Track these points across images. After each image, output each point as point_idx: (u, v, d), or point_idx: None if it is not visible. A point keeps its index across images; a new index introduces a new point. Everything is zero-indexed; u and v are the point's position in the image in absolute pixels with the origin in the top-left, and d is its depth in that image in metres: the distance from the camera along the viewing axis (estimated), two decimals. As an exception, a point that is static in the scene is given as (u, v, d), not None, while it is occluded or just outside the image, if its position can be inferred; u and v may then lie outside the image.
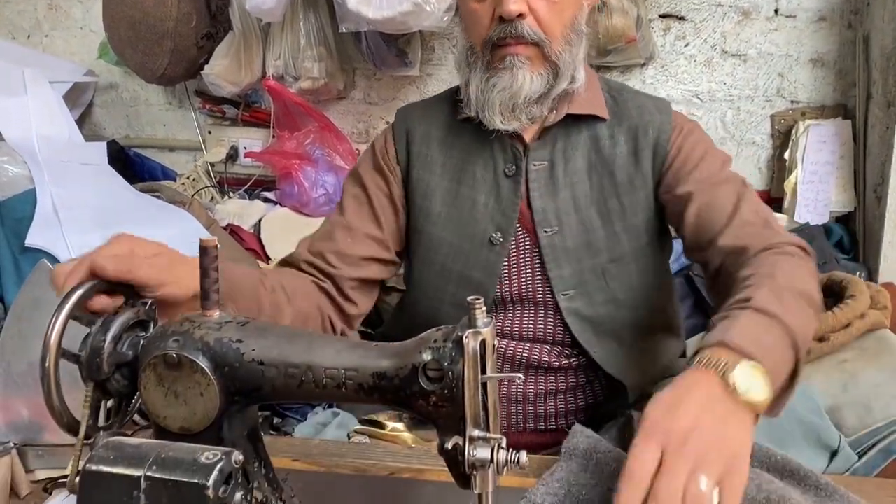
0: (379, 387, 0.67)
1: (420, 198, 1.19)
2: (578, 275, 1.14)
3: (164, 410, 0.70)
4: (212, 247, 0.70)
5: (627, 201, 1.14)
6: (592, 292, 1.14)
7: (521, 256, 1.16)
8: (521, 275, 1.16)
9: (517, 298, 1.17)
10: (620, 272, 1.15)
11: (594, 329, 1.16)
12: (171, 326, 0.71)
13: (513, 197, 1.14)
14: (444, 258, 1.18)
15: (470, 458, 0.65)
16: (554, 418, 1.20)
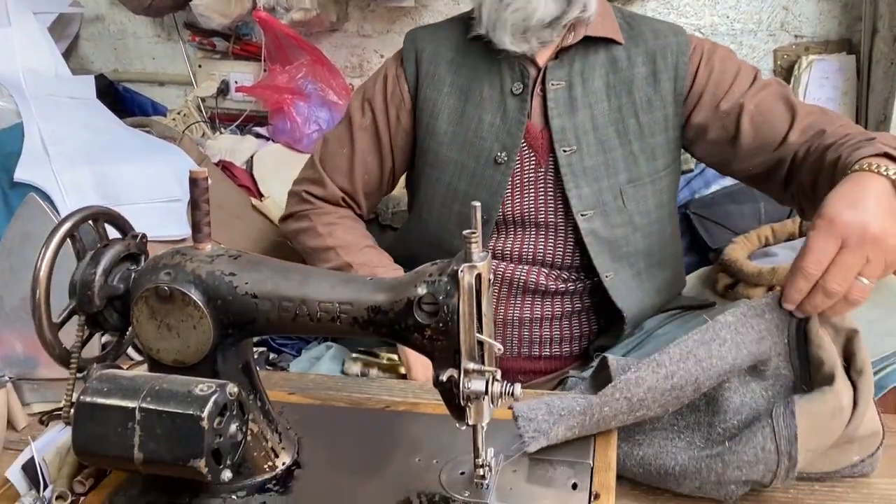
0: (374, 320, 0.67)
1: (427, 117, 1.21)
2: (597, 195, 1.16)
3: (158, 343, 0.70)
4: (202, 178, 0.69)
5: (645, 121, 1.16)
6: (610, 213, 1.16)
7: (525, 176, 1.17)
8: (525, 195, 1.18)
9: (520, 219, 1.19)
10: (637, 193, 1.17)
11: (610, 251, 1.17)
12: (162, 259, 0.70)
13: (519, 116, 1.16)
14: (449, 177, 1.20)
15: (465, 390, 0.65)
16: (548, 344, 1.22)
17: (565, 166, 1.15)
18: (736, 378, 0.81)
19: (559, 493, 0.70)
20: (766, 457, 0.73)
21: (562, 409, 0.77)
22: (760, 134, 1.11)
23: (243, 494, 0.71)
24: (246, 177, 1.80)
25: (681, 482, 0.77)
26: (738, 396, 0.80)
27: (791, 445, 0.73)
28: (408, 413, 0.85)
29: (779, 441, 0.73)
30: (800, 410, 0.74)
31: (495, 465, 0.73)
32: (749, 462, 0.74)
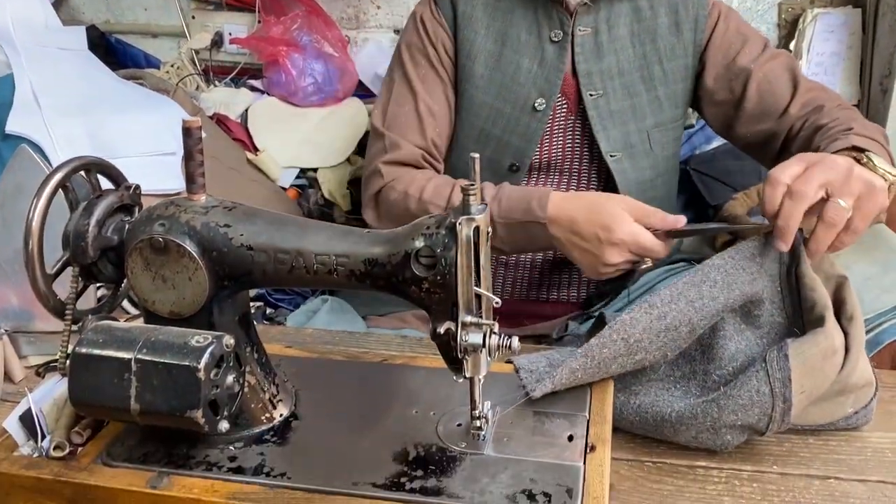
0: (371, 273, 0.66)
1: (464, 58, 1.20)
2: (625, 137, 1.18)
3: (153, 295, 0.69)
4: (195, 128, 0.68)
5: (669, 68, 1.18)
6: (638, 156, 1.19)
7: (556, 123, 1.19)
8: (554, 142, 1.20)
9: (547, 166, 1.21)
10: (663, 138, 1.20)
11: (637, 195, 1.17)
12: (156, 210, 0.69)
13: (558, 64, 1.16)
14: (483, 122, 1.20)
15: (462, 343, 0.65)
16: (556, 288, 1.24)
17: (592, 109, 1.16)
18: (731, 326, 0.82)
19: (555, 444, 0.70)
20: (760, 399, 0.74)
21: (561, 360, 0.77)
22: (764, 101, 1.14)
23: (241, 445, 0.72)
24: (241, 130, 1.77)
25: (677, 429, 0.78)
26: (732, 344, 0.81)
27: (785, 387, 0.74)
28: (405, 366, 0.85)
29: (773, 383, 0.74)
30: (793, 352, 0.75)
31: (492, 417, 0.74)
32: (744, 405, 0.75)
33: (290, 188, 1.73)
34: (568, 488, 0.64)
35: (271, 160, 1.71)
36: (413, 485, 0.66)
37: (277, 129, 1.77)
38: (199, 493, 0.66)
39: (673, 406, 0.78)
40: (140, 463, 0.70)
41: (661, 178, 1.23)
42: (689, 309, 0.78)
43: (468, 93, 1.20)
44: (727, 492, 0.76)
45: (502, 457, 0.69)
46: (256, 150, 1.74)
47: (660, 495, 0.76)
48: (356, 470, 0.67)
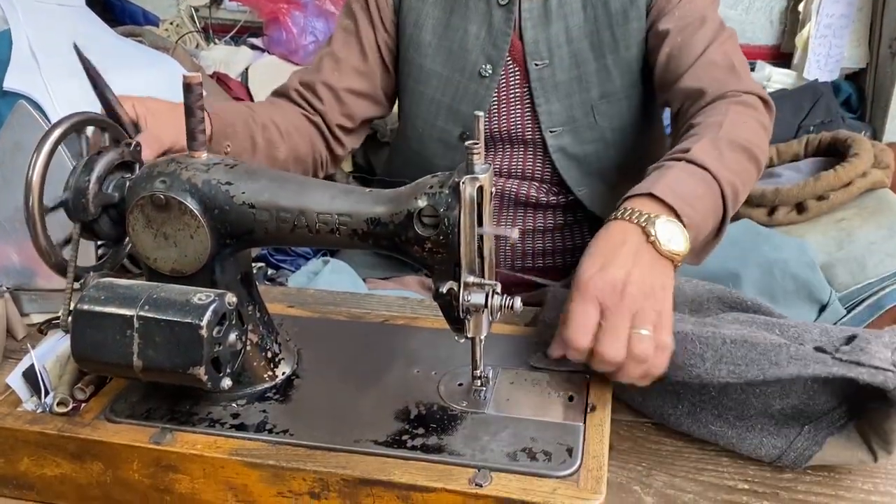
0: (373, 232, 0.66)
1: (411, 27, 1.17)
2: (567, 110, 1.14)
3: (154, 252, 0.69)
4: (196, 84, 0.67)
5: (620, 33, 1.12)
6: (581, 130, 1.15)
7: (510, 91, 1.15)
8: (509, 110, 1.16)
9: (505, 135, 1.17)
10: (610, 109, 1.15)
11: (580, 168, 1.17)
12: (157, 167, 0.69)
13: (505, 28, 1.12)
14: (433, 91, 1.17)
15: (464, 302, 0.65)
16: (541, 256, 1.23)
17: (536, 81, 1.12)
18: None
19: (556, 404, 0.71)
20: (768, 454, 0.73)
21: None
22: (667, 69, 1.07)
23: (243, 403, 0.72)
24: (241, 89, 1.76)
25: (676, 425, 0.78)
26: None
27: (800, 463, 0.72)
28: (407, 327, 0.86)
29: (788, 455, 0.72)
30: (827, 448, 0.72)
31: (493, 377, 0.74)
32: (750, 448, 0.74)
33: (291, 148, 1.71)
34: (568, 447, 0.65)
35: (272, 120, 1.69)
36: (414, 442, 0.66)
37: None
38: (202, 448, 0.66)
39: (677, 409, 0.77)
40: (143, 419, 0.70)
41: (614, 148, 1.17)
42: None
43: (416, 61, 1.17)
44: (726, 453, 0.77)
45: (503, 416, 0.70)
46: (257, 109, 1.72)
47: (659, 455, 0.77)
48: (358, 427, 0.68)
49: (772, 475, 0.74)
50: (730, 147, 0.89)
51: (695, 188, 0.82)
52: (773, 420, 0.74)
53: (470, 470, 0.63)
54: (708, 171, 0.84)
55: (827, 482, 0.73)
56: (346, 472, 0.63)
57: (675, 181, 0.81)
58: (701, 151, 0.86)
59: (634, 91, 1.15)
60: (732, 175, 0.86)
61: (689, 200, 0.79)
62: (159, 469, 0.68)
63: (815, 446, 0.72)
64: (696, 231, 0.80)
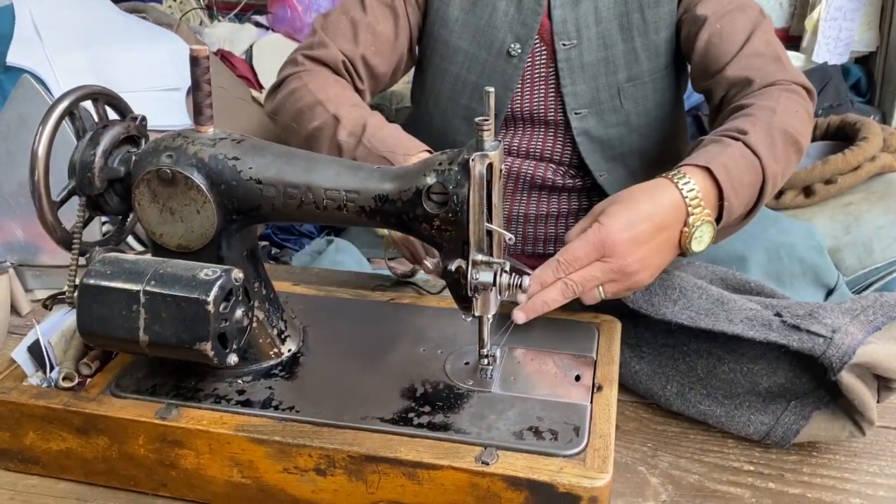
0: (381, 210, 0.66)
1: (438, 2, 1.15)
2: (593, 92, 1.13)
3: (161, 228, 0.69)
4: (203, 57, 0.66)
5: (650, 15, 1.11)
6: (605, 112, 1.14)
7: (535, 71, 1.15)
8: (534, 91, 1.15)
9: (528, 115, 1.16)
10: (636, 93, 1.14)
11: (603, 151, 1.16)
12: (163, 142, 0.68)
13: (535, 6, 1.11)
14: (458, 68, 1.16)
15: (472, 281, 0.65)
16: (553, 242, 1.22)
17: (563, 61, 1.12)
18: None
19: (562, 384, 0.71)
20: (756, 431, 0.74)
21: None
22: (707, 56, 1.06)
23: (249, 379, 0.72)
24: (245, 67, 1.75)
25: (667, 406, 0.79)
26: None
27: (788, 439, 0.73)
28: (413, 305, 0.85)
29: (776, 431, 0.73)
30: (814, 422, 0.72)
31: (500, 356, 0.74)
32: (738, 426, 0.75)
33: (296, 127, 1.70)
34: (575, 426, 0.65)
35: (276, 98, 1.68)
36: (421, 420, 0.66)
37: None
38: (207, 424, 0.66)
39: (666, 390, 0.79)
40: (149, 395, 0.70)
41: (637, 132, 1.16)
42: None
43: (442, 38, 1.16)
44: (731, 434, 0.77)
45: (509, 395, 0.69)
46: (261, 87, 1.71)
47: (664, 436, 0.77)
48: (364, 405, 0.68)
49: (777, 457, 0.74)
50: (782, 137, 0.90)
51: (744, 175, 0.84)
52: (761, 398, 0.75)
53: (476, 448, 0.63)
54: (760, 160, 0.85)
55: (832, 464, 0.73)
56: (352, 448, 0.63)
57: (732, 163, 0.83)
58: (758, 138, 0.87)
59: (660, 76, 1.14)
60: (778, 167, 0.88)
61: (737, 187, 0.82)
62: (165, 444, 0.68)
63: (802, 420, 0.72)
64: (728, 217, 0.82)
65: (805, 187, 1.29)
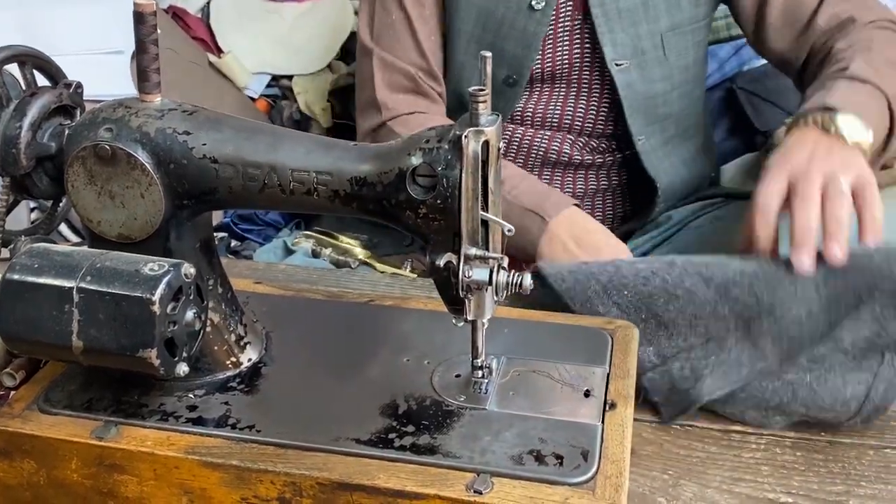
0: (358, 194, 0.66)
1: None
2: (634, 41, 1.16)
3: (98, 214, 0.68)
4: (149, 13, 0.66)
5: None
6: (649, 64, 1.18)
7: (560, 25, 1.17)
8: (558, 48, 1.18)
9: (550, 76, 1.19)
10: (679, 43, 1.19)
11: (646, 111, 1.19)
12: (101, 113, 0.68)
13: None
14: (472, 26, 1.18)
15: (464, 279, 0.65)
16: None
17: (597, 6, 1.14)
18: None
19: (569, 400, 0.71)
20: (854, 393, 0.76)
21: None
22: (787, 8, 1.12)
23: (202, 393, 0.72)
24: (202, 28, 1.74)
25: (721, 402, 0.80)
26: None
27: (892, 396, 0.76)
28: (395, 308, 0.85)
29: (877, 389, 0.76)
30: None
31: (496, 367, 0.74)
32: (832, 391, 0.77)
33: (260, 99, 1.71)
34: (583, 450, 0.65)
35: (238, 64, 1.68)
36: (403, 441, 0.66)
37: (246, 27, 1.74)
38: (152, 445, 0.66)
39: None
40: (84, 410, 0.70)
41: (678, 90, 1.22)
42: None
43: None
44: (766, 460, 0.78)
45: (507, 412, 0.70)
46: (220, 51, 1.71)
47: (687, 463, 0.77)
48: (336, 423, 0.68)
49: (819, 486, 0.74)
50: (885, 63, 0.99)
51: (865, 100, 0.94)
52: (849, 355, 0.78)
53: (468, 474, 0.63)
54: (871, 83, 0.95)
55: (884, 495, 0.74)
56: (322, 474, 0.63)
57: (846, 93, 0.93)
58: (859, 68, 0.97)
59: (699, 26, 1.19)
60: (892, 86, 0.97)
61: (859, 105, 0.92)
62: (102, 469, 0.67)
63: None
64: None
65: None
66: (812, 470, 0.76)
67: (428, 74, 1.20)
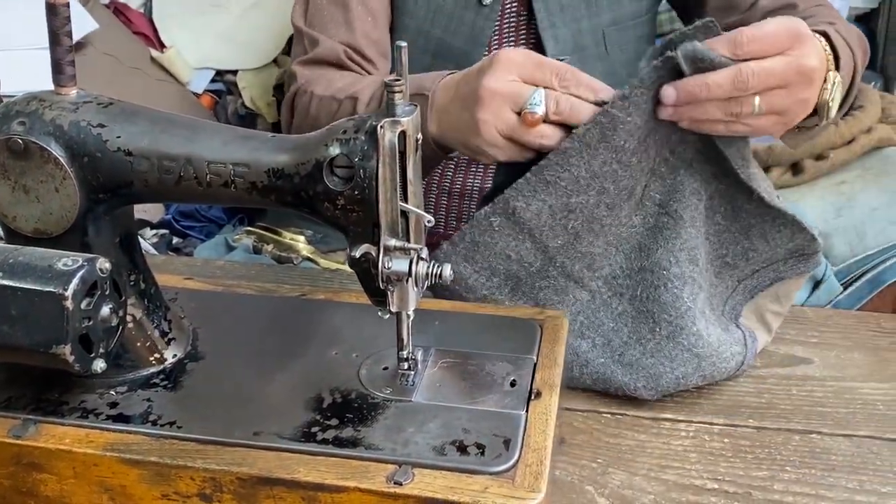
0: (275, 186, 0.65)
1: None
2: (576, 36, 1.16)
3: (13, 209, 0.68)
4: (61, 5, 0.65)
5: None
6: (590, 59, 1.18)
7: (506, 22, 1.17)
8: (504, 43, 1.18)
9: None
10: (621, 38, 1.19)
11: None
12: (14, 106, 0.67)
13: None
14: (420, 21, 1.18)
15: (384, 270, 0.65)
16: None
17: (539, 2, 1.14)
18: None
19: (495, 390, 0.71)
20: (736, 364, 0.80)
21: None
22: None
23: (124, 390, 0.71)
24: (144, 22, 1.72)
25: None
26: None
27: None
28: (327, 302, 0.85)
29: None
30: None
31: (423, 359, 0.74)
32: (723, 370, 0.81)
33: (204, 94, 1.69)
34: (505, 439, 0.65)
35: (181, 59, 1.66)
36: (326, 435, 0.66)
37: (189, 21, 1.72)
38: (70, 443, 0.65)
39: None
40: (2, 409, 0.69)
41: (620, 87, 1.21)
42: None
43: None
44: (694, 447, 0.79)
45: (433, 404, 0.69)
46: (163, 46, 1.69)
47: (617, 451, 0.78)
48: (259, 418, 0.67)
49: (745, 472, 0.76)
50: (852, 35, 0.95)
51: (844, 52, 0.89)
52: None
53: (389, 466, 0.63)
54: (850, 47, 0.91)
55: (807, 479, 0.75)
56: (241, 469, 0.63)
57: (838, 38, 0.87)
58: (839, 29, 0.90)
59: (642, 21, 1.20)
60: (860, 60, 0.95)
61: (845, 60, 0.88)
62: (20, 468, 0.66)
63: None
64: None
65: (793, 164, 1.32)
66: (739, 456, 0.77)
67: (357, 53, 1.15)
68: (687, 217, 0.82)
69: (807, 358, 0.90)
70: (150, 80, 1.60)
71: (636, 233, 0.85)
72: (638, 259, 0.84)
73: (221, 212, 1.49)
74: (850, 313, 1.01)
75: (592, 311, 0.85)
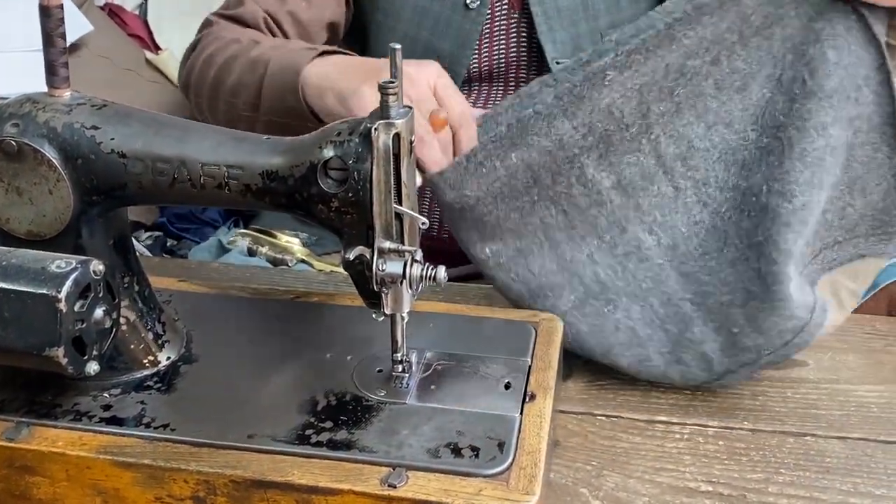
0: (269, 188, 0.66)
1: None
2: (574, 40, 1.16)
3: (6, 211, 0.68)
4: (55, 6, 0.65)
5: None
6: None
7: (496, 23, 1.16)
8: (495, 46, 1.17)
9: (488, 75, 1.18)
10: None
11: None
12: (8, 108, 0.67)
13: None
14: (406, 25, 1.17)
15: (378, 272, 0.65)
16: None
17: (536, 5, 1.13)
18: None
19: (490, 393, 0.71)
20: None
21: None
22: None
23: (117, 392, 0.71)
24: (139, 25, 1.73)
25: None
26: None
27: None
28: (321, 304, 0.85)
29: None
30: None
31: (418, 361, 0.74)
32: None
33: (199, 96, 1.69)
34: (500, 442, 0.65)
35: (176, 61, 1.66)
36: (320, 437, 0.66)
37: (183, 23, 1.72)
38: (63, 446, 0.65)
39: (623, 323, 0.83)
40: (-6, 412, 0.69)
41: None
42: None
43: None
44: (689, 450, 0.79)
45: (427, 406, 0.70)
46: (158, 48, 1.69)
47: (611, 453, 0.78)
48: (253, 421, 0.68)
49: (739, 475, 0.76)
50: None
51: None
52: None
53: (383, 469, 0.63)
54: None
55: (802, 482, 0.75)
56: (235, 472, 0.63)
57: None
58: None
59: None
60: None
61: None
62: (13, 471, 0.66)
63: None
64: None
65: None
66: (733, 459, 0.77)
67: (278, 26, 1.13)
68: (797, 150, 0.78)
69: (801, 360, 0.90)
70: (145, 81, 1.60)
71: (745, 147, 0.82)
72: (737, 176, 0.81)
73: (216, 214, 1.49)
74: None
75: (671, 210, 0.83)
